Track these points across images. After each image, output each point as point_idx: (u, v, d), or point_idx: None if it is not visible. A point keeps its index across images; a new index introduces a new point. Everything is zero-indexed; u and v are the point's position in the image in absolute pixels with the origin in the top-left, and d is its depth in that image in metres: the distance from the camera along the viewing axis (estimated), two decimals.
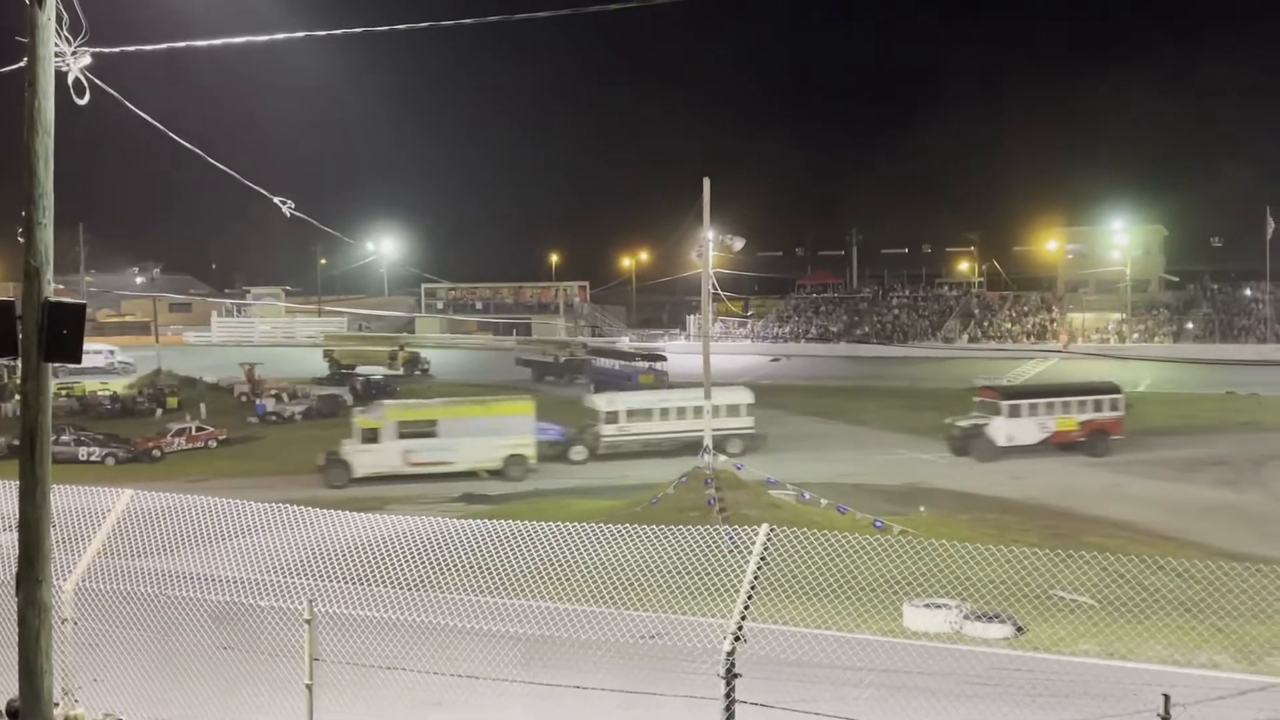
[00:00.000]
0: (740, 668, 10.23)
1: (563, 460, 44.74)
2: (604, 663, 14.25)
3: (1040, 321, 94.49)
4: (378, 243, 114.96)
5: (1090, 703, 13.78)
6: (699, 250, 37.42)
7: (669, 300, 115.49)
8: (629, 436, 46.11)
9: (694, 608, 16.62)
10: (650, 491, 33.59)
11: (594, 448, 45.88)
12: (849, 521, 28.94)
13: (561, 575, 15.61)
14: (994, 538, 26.59)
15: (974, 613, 17.69)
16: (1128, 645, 16.55)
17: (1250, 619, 17.36)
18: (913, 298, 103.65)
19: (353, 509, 18.73)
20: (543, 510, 31.69)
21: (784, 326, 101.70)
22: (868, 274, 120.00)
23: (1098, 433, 45.53)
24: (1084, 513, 35.14)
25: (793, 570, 14.73)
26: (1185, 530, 32.67)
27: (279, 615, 13.32)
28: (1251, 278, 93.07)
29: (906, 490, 38.50)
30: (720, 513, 29.89)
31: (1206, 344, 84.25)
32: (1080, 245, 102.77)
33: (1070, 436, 45.46)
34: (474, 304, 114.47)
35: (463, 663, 13.63)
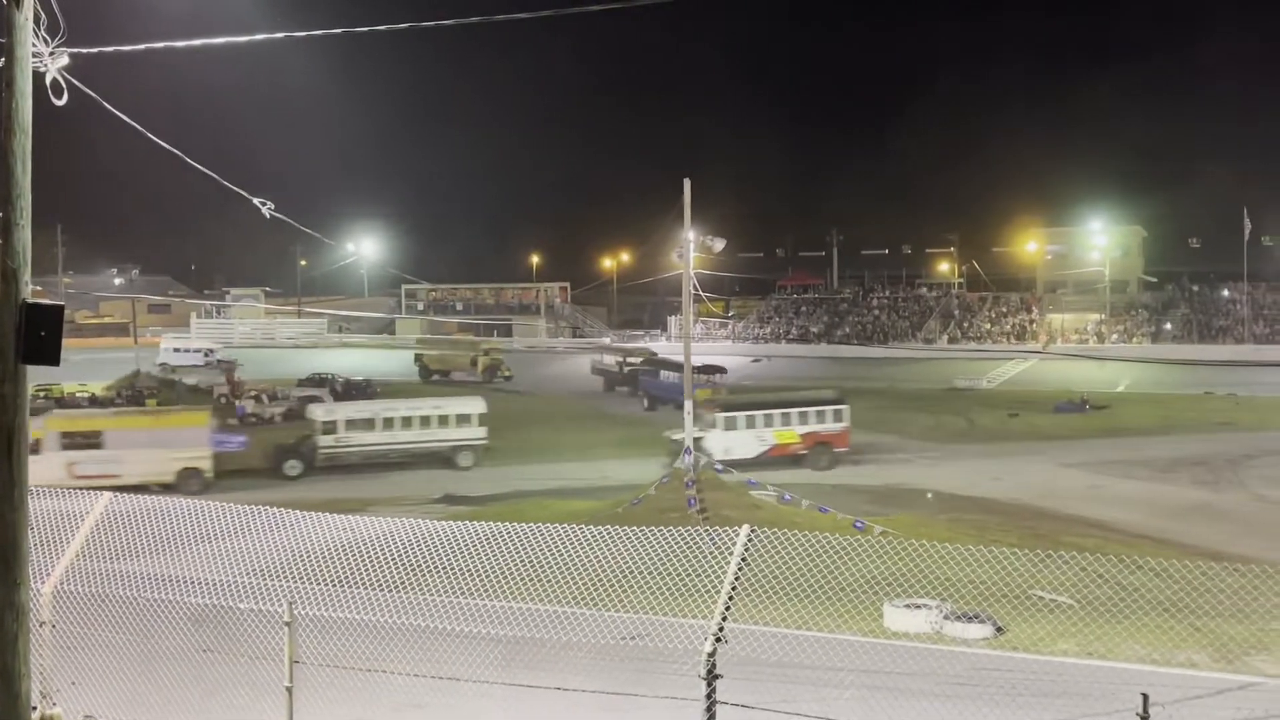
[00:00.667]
0: (721, 669, 10.23)
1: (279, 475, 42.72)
2: (585, 664, 14.24)
3: (1020, 322, 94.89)
4: (358, 243, 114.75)
5: (1070, 702, 13.83)
6: (680, 251, 37.44)
7: (650, 301, 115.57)
8: (349, 448, 44.32)
9: (675, 609, 16.62)
10: (631, 493, 33.60)
11: (310, 460, 43.70)
12: (830, 522, 28.99)
13: (542, 577, 15.60)
14: (974, 538, 26.68)
15: (954, 613, 17.73)
16: (1107, 645, 16.62)
17: (1228, 618, 17.45)
18: (893, 298, 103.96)
19: (333, 511, 18.69)
20: (523, 511, 31.65)
21: (765, 327, 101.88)
22: (848, 275, 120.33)
23: (820, 445, 44.15)
24: (1063, 513, 35.28)
25: (774, 571, 14.75)
26: (1164, 530, 32.84)
27: (259, 618, 13.27)
28: (1229, 279, 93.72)
29: (886, 491, 38.60)
30: (701, 514, 29.92)
31: (1185, 344, 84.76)
32: (1059, 246, 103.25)
33: (790, 449, 44.03)
34: (454, 305, 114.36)
35: (444, 665, 13.60)
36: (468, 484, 40.49)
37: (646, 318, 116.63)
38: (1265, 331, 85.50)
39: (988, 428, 54.14)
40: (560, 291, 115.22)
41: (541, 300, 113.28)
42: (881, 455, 46.14)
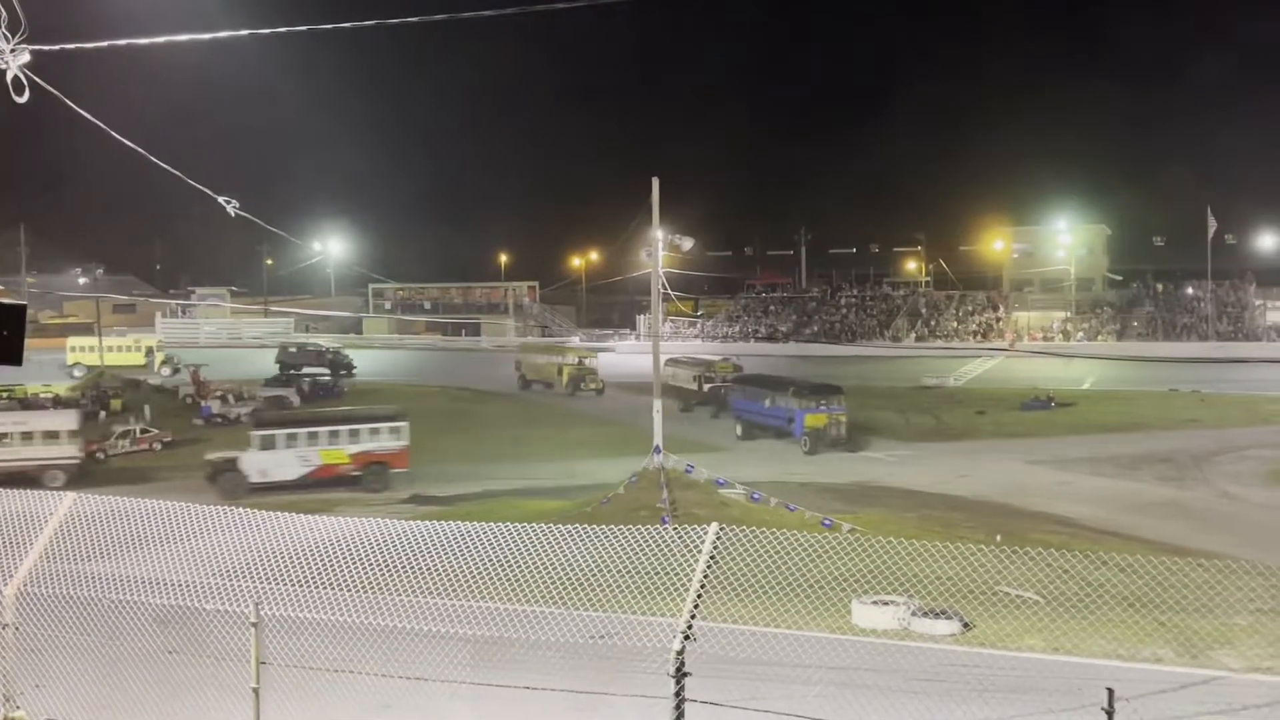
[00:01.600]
0: (690, 666, 10.24)
1: None
2: (554, 663, 14.22)
3: (986, 320, 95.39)
4: (324, 242, 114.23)
5: (1036, 697, 13.91)
6: (648, 250, 37.48)
7: (619, 300, 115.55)
8: None
9: (644, 607, 16.61)
10: (601, 491, 33.59)
11: None
12: (798, 520, 29.08)
13: (511, 576, 15.57)
14: (941, 535, 26.86)
15: (922, 609, 17.81)
16: (1073, 640, 16.73)
17: (1193, 613, 17.61)
18: (861, 297, 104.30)
19: (300, 511, 18.60)
20: (493, 511, 31.58)
21: (734, 326, 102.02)
22: (816, 274, 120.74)
23: (374, 465, 41.24)
24: (1030, 509, 35.51)
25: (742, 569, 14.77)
26: (1130, 526, 33.10)
27: (225, 619, 13.19)
28: (1193, 277, 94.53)
29: (855, 489, 38.74)
30: (671, 511, 29.93)
31: (1150, 342, 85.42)
32: (1025, 245, 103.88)
33: (339, 470, 40.77)
34: (422, 304, 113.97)
35: (412, 665, 13.55)
36: (435, 484, 40.35)
37: (616, 317, 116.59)
38: (1229, 329, 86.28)
39: (955, 425, 54.41)
40: (529, 291, 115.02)
41: (510, 299, 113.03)
42: (850, 453, 46.26)
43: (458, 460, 45.55)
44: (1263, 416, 53.09)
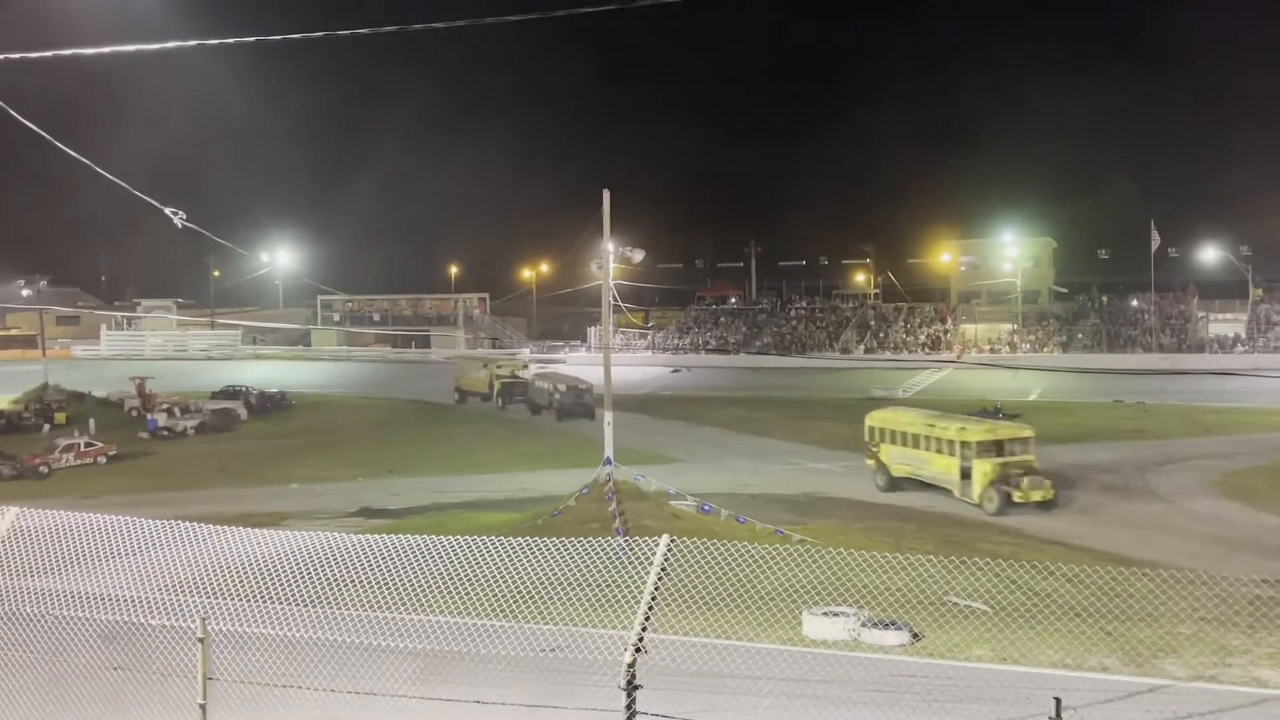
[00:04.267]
0: (641, 679, 10.23)
1: None
2: (504, 677, 14.16)
3: (934, 332, 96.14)
4: (272, 254, 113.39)
5: (984, 707, 14.01)
6: (599, 262, 37.51)
7: (570, 312, 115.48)
8: None
9: (595, 620, 16.60)
10: (551, 504, 33.51)
11: None
12: (749, 531, 29.13)
13: (461, 589, 15.49)
14: (891, 546, 27.00)
15: (871, 620, 17.90)
16: (1021, 650, 16.86)
17: (1138, 622, 17.81)
18: (810, 309, 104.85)
19: (246, 524, 18.42)
20: (443, 524, 31.39)
21: (684, 338, 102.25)
22: (766, 286, 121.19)
23: None
24: (978, 520, 35.75)
25: (694, 581, 14.79)
26: (1076, 536, 33.42)
27: (171, 634, 13.04)
28: (1137, 289, 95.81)
29: (805, 500, 38.86)
30: (621, 523, 29.89)
31: (1095, 354, 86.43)
32: (973, 257, 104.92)
33: None
34: (371, 316, 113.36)
35: (361, 679, 13.46)
36: (385, 497, 40.12)
37: (566, 328, 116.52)
38: (1172, 341, 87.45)
39: None
40: (479, 302, 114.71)
41: (460, 311, 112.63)
42: (801, 464, 46.42)
43: (407, 473, 45.34)
44: (1205, 427, 53.81)
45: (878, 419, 42.60)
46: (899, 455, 40.55)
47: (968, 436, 37.98)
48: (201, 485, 42.81)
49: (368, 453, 51.15)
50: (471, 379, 71.32)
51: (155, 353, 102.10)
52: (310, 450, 52.45)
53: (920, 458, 39.65)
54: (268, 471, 46.77)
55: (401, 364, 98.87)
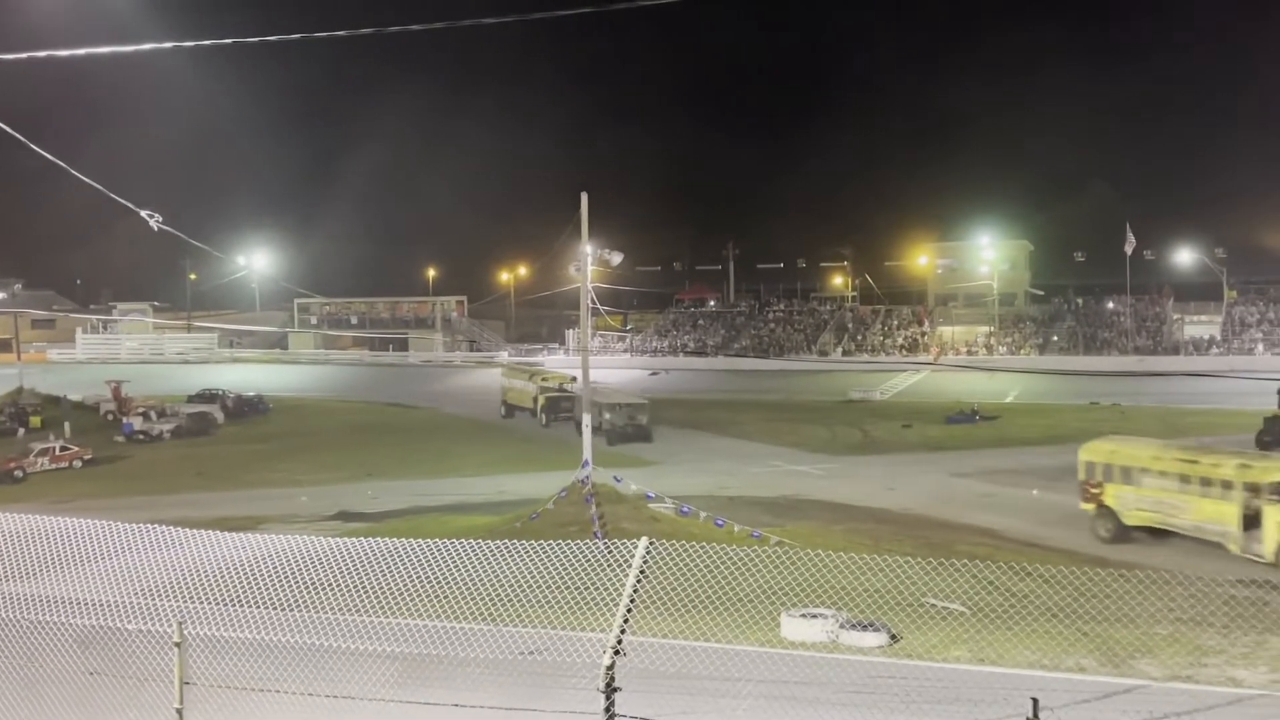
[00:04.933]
0: (620, 681, 10.23)
1: None
2: (483, 680, 14.14)
3: (912, 335, 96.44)
4: (249, 257, 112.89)
5: (962, 708, 14.06)
6: (577, 265, 37.52)
7: (548, 315, 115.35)
8: None
9: (574, 622, 16.59)
10: (530, 507, 33.47)
11: None
12: (727, 534, 29.16)
13: (440, 593, 15.46)
14: (869, 547, 27.06)
15: (850, 622, 17.93)
16: (998, 651, 16.93)
17: (1114, 622, 17.91)
18: (788, 312, 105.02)
19: (224, 529, 18.35)
20: (421, 527, 31.32)
21: (663, 340, 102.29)
22: (744, 288, 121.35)
23: None
24: (956, 521, 35.86)
25: (672, 583, 14.80)
26: (1053, 537, 33.55)
27: (148, 639, 12.97)
28: (1113, 291, 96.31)
29: (784, 502, 38.91)
30: (600, 526, 29.88)
31: (1071, 356, 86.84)
32: (950, 260, 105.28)
33: None
34: (349, 319, 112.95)
35: (339, 684, 13.41)
36: (363, 500, 40.00)
37: (545, 331, 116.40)
38: (1148, 343, 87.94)
39: (882, 439, 54.87)
40: (457, 305, 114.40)
41: (438, 314, 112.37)
42: (779, 466, 46.49)
43: (385, 476, 45.21)
44: (1180, 429, 54.02)
45: (1101, 452, 34.95)
46: (1137, 498, 33.03)
47: (1257, 476, 30.06)
48: (178, 489, 42.58)
49: (346, 456, 50.99)
50: (519, 392, 64.22)
51: (131, 356, 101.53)
52: (288, 454, 52.24)
53: (1172, 501, 31.97)
54: (245, 475, 46.57)
55: (379, 367, 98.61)
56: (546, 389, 60.70)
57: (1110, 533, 33.46)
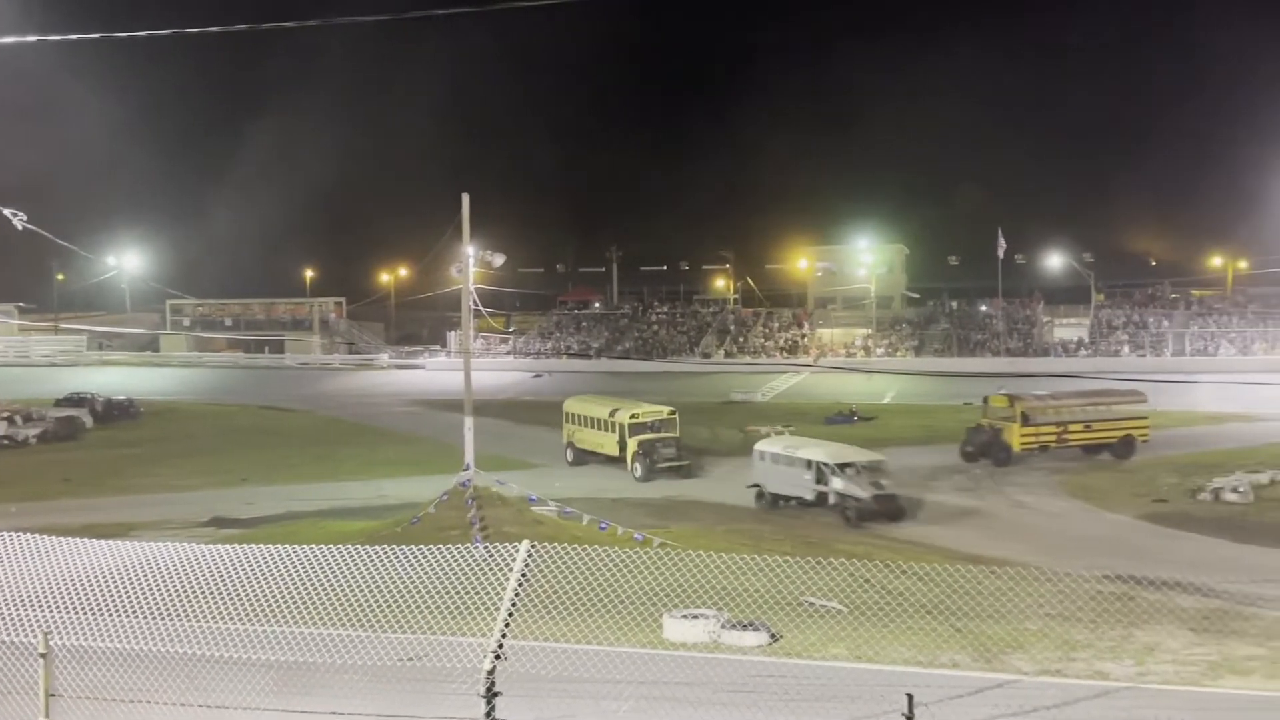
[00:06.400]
0: (501, 686, 10.19)
1: None
2: (361, 687, 13.94)
3: (792, 337, 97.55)
4: (120, 257, 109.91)
5: (840, 705, 14.24)
6: (459, 266, 37.25)
7: (429, 316, 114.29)
8: None
9: (454, 628, 16.44)
10: (410, 511, 33.15)
11: None
12: (610, 536, 29.20)
13: (317, 599, 15.21)
14: (750, 548, 27.32)
15: (731, 622, 18.07)
16: (875, 648, 17.19)
17: (988, 619, 18.31)
18: (671, 314, 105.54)
19: (93, 535, 17.84)
20: (297, 533, 30.82)
21: (546, 342, 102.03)
22: (628, 290, 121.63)
23: None
24: (835, 521, 36.36)
25: (554, 586, 14.76)
26: (928, 535, 34.26)
27: (12, 649, 12.57)
28: (986, 295, 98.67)
29: (666, 504, 39.10)
30: (481, 530, 29.70)
31: (945, 358, 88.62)
32: (829, 263, 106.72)
33: None
34: (223, 321, 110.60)
35: (213, 693, 13.13)
36: (238, 506, 39.22)
37: (426, 333, 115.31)
38: (1019, 345, 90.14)
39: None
40: (335, 306, 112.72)
41: (315, 315, 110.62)
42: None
43: (260, 481, 44.41)
44: None
45: None
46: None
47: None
48: (44, 496, 41.29)
49: (220, 461, 49.96)
50: (588, 436, 48.46)
51: None
52: (159, 459, 51.00)
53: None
54: (114, 481, 45.38)
55: (255, 370, 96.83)
56: (637, 426, 46.01)
57: None
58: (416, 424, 61.07)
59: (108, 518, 36.05)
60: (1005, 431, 46.18)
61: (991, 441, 46.46)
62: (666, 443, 45.34)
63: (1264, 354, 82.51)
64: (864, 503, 36.17)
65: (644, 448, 44.79)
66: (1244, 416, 54.16)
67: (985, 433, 47.01)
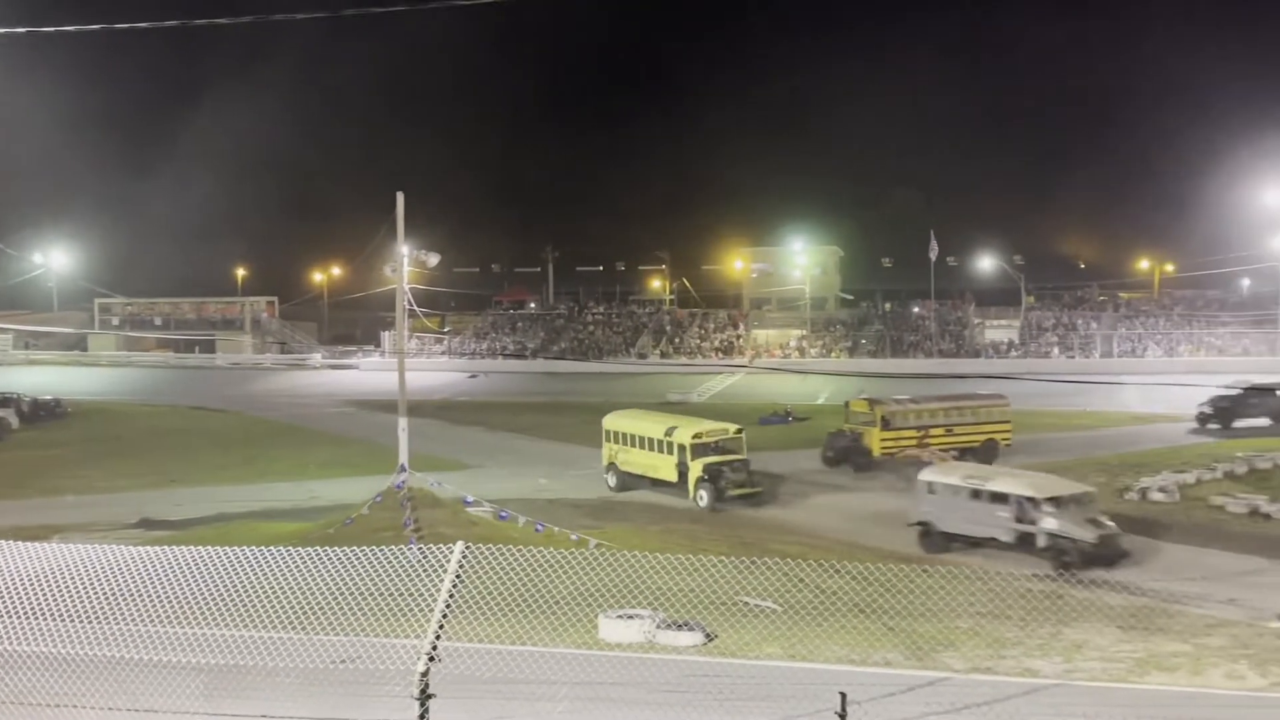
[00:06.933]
0: (435, 688, 10.13)
1: None
2: (293, 690, 13.80)
3: (728, 338, 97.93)
4: (47, 254, 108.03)
5: (775, 704, 14.31)
6: (393, 266, 37.01)
7: (363, 316, 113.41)
8: None
9: (388, 630, 16.35)
10: (344, 512, 32.88)
11: None
12: (546, 537, 29.13)
13: (247, 602, 15.04)
14: (685, 548, 27.37)
15: (666, 622, 18.11)
16: (809, 647, 17.31)
17: (919, 617, 18.51)
18: (608, 314, 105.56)
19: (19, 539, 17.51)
20: (229, 535, 30.45)
21: (481, 342, 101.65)
22: (564, 291, 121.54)
23: None
24: (769, 521, 36.54)
25: (489, 587, 14.71)
26: (861, 535, 34.51)
27: None
28: (918, 296, 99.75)
29: (602, 504, 39.09)
30: (416, 532, 29.52)
31: (879, 358, 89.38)
32: (764, 264, 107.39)
33: None
34: (153, 320, 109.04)
35: (141, 697, 12.94)
36: (166, 508, 38.67)
37: (359, 333, 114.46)
38: (951, 346, 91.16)
39: None
40: (267, 306, 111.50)
41: (247, 315, 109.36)
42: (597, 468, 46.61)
43: (191, 482, 43.81)
44: None
45: None
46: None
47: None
48: None
49: (149, 462, 49.24)
50: (637, 458, 41.88)
51: None
52: (87, 460, 50.16)
53: None
54: (40, 483, 44.53)
55: (185, 369, 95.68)
56: (701, 447, 39.84)
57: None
58: (350, 425, 60.58)
59: (33, 520, 35.38)
60: (865, 436, 45.38)
61: (851, 447, 45.58)
62: (735, 465, 39.33)
63: (1189, 355, 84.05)
64: (1085, 544, 30.03)
65: (710, 472, 38.66)
66: (1170, 417, 55.10)
67: (845, 438, 46.14)
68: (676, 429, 40.78)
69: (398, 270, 35.79)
